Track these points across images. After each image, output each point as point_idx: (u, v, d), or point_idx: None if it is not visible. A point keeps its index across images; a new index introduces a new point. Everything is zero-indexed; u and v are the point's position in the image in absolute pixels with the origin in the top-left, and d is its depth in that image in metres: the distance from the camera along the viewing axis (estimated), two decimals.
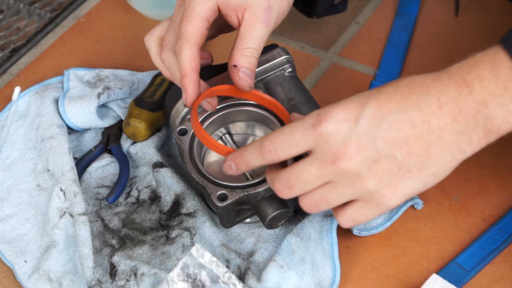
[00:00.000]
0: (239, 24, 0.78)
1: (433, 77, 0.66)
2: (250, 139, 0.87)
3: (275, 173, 0.70)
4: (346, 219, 0.70)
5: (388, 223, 0.84)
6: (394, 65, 1.01)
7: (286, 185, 0.69)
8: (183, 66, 0.76)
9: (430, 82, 0.65)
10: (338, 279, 0.79)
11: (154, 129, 0.93)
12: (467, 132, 0.65)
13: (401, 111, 0.65)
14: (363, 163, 0.66)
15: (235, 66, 0.77)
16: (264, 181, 0.77)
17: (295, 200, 0.71)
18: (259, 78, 0.85)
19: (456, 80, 0.65)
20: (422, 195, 0.86)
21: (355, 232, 0.83)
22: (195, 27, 0.76)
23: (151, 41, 0.83)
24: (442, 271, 0.80)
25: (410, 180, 0.66)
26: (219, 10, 0.78)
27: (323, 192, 0.68)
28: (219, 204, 0.76)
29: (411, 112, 0.65)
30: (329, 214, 0.83)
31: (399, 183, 0.66)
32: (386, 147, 0.65)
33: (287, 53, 0.86)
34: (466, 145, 0.65)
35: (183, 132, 0.82)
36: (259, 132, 0.86)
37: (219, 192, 0.77)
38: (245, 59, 0.77)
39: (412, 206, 0.86)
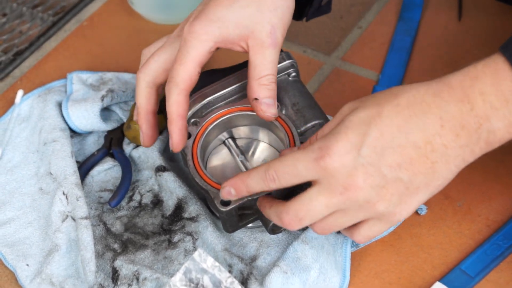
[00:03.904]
0: (246, 51, 0.77)
1: (433, 92, 0.66)
2: (254, 144, 0.86)
3: (278, 206, 0.71)
4: (361, 237, 0.73)
5: (391, 229, 0.84)
6: (397, 69, 1.01)
7: (295, 218, 0.69)
8: (170, 110, 0.76)
9: (431, 99, 0.66)
10: None
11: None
12: (470, 146, 0.66)
13: (404, 136, 0.66)
14: (372, 190, 0.67)
15: (256, 99, 0.77)
16: None
17: None
18: None
19: (457, 96, 0.65)
20: (425, 201, 0.86)
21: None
22: (187, 72, 0.75)
23: (145, 55, 0.83)
24: (446, 278, 0.80)
25: (418, 195, 0.69)
26: (217, 47, 0.76)
27: (334, 218, 0.70)
28: (222, 209, 0.76)
29: (413, 135, 0.66)
30: None
31: (407, 199, 0.68)
32: (392, 171, 0.66)
33: (291, 57, 0.86)
34: (469, 156, 0.67)
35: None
36: (262, 136, 0.86)
37: None
38: (264, 88, 0.76)
39: (416, 212, 0.86)
